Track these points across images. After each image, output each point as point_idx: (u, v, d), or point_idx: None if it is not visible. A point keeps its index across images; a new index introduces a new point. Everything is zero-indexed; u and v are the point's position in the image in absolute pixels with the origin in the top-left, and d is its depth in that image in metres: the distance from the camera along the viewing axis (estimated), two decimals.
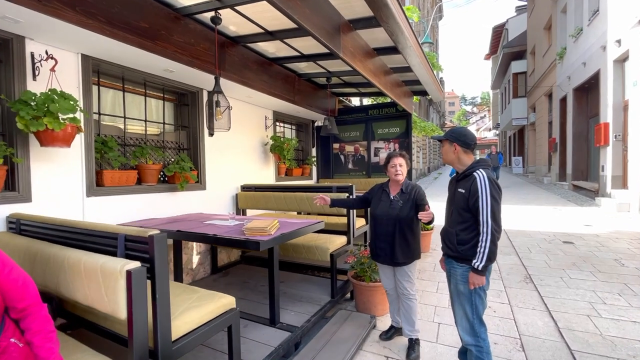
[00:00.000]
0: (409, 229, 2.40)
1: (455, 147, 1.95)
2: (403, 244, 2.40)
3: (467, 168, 1.92)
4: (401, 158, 2.49)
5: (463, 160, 1.95)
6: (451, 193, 2.05)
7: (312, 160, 6.13)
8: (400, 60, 4.02)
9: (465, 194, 1.87)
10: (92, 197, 2.74)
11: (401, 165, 2.47)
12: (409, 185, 2.48)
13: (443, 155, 2.07)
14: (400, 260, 2.40)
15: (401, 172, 2.46)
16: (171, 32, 2.81)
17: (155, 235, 1.38)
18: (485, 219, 1.76)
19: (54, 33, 2.30)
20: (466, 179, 1.90)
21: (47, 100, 2.12)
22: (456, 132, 1.98)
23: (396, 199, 2.46)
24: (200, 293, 1.88)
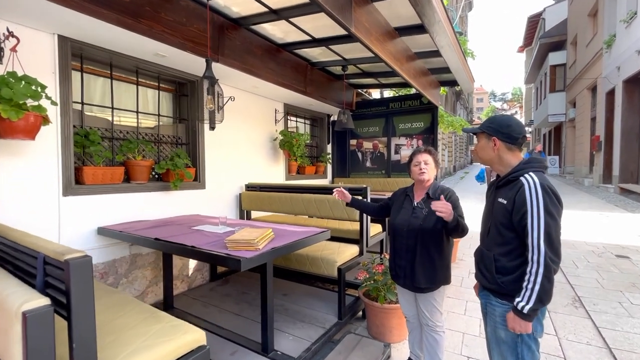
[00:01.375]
0: (434, 245, 1.90)
1: (495, 143, 1.43)
2: (427, 264, 1.91)
3: (511, 171, 1.40)
4: (427, 154, 2.00)
5: (506, 159, 1.44)
6: (489, 203, 1.53)
7: (326, 157, 5.68)
8: (426, 43, 3.47)
9: (507, 205, 1.36)
10: (70, 197, 2.44)
11: (427, 162, 1.97)
12: (438, 188, 1.98)
13: (478, 152, 1.55)
14: (423, 284, 1.91)
15: (426, 171, 1.96)
16: (158, 8, 2.44)
17: (74, 260, 1.00)
18: (535, 242, 1.24)
19: (18, 8, 1.98)
20: (510, 186, 1.39)
21: (2, 84, 1.80)
22: (497, 122, 1.45)
23: (420, 205, 1.97)
24: (162, 324, 1.50)
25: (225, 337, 2.34)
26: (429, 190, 1.97)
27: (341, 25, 2.19)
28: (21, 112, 1.85)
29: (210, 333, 2.40)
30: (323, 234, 2.29)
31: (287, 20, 3.03)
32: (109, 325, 1.48)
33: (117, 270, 2.74)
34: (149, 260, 2.97)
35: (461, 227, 1.82)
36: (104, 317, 1.57)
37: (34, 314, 0.90)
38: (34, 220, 2.25)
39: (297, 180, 5.07)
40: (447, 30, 2.81)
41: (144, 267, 2.93)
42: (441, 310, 2.01)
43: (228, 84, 3.68)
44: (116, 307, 1.68)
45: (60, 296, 1.03)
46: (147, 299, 2.96)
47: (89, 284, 1.02)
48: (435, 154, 2.03)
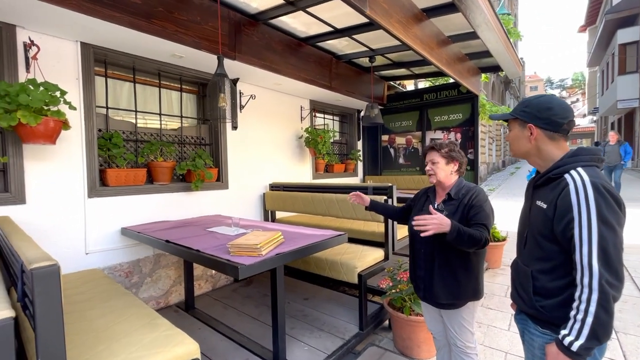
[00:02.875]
0: (456, 254, 1.62)
1: (532, 131, 1.13)
2: (447, 276, 1.64)
3: (553, 166, 1.10)
4: (433, 152, 1.71)
5: (547, 151, 1.13)
6: (526, 207, 1.23)
7: (356, 154, 5.44)
8: (462, 23, 3.10)
9: (547, 210, 1.06)
10: (95, 198, 2.52)
11: (434, 162, 1.69)
12: (462, 187, 1.68)
13: (511, 144, 1.24)
14: (443, 300, 1.65)
15: (435, 172, 1.69)
16: (171, 8, 2.42)
17: (38, 270, 0.93)
18: (586, 261, 0.94)
19: (42, 18, 2.06)
20: (551, 185, 1.09)
21: (21, 91, 1.87)
22: (533, 105, 1.14)
23: (440, 208, 1.70)
24: (158, 333, 1.42)
25: (239, 343, 2.26)
26: (450, 190, 1.69)
27: (354, 7, 1.98)
28: (39, 118, 1.92)
29: (224, 337, 2.35)
30: (338, 238, 2.11)
31: (305, 11, 2.87)
32: (107, 331, 1.45)
33: (141, 270, 2.80)
34: (172, 260, 3.01)
35: (468, 239, 1.46)
36: (104, 321, 1.54)
37: None
38: (61, 222, 2.35)
39: (324, 179, 4.91)
40: (483, 5, 2.45)
41: (167, 266, 2.98)
42: (472, 329, 1.72)
43: (249, 82, 3.62)
44: (120, 310, 1.66)
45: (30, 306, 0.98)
46: (171, 298, 3.01)
47: (55, 296, 0.95)
48: (443, 149, 1.69)
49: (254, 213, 3.81)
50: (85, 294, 1.91)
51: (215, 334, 2.39)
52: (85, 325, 1.50)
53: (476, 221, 1.56)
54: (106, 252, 2.59)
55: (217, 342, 2.28)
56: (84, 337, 1.39)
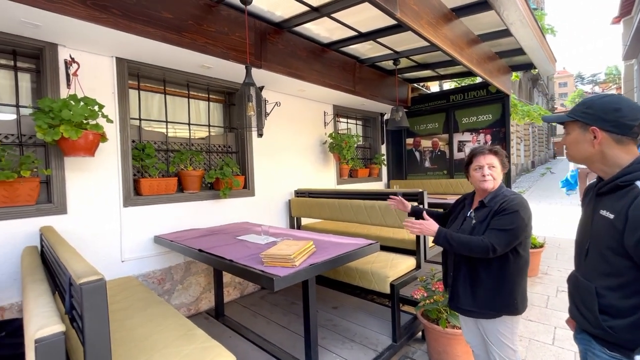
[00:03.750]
0: (482, 263, 1.55)
1: (596, 134, 1.03)
2: (470, 284, 1.59)
3: (621, 172, 1.00)
4: (492, 156, 1.63)
5: (612, 157, 1.02)
6: (587, 216, 1.12)
7: (381, 158, 5.36)
8: (492, 21, 2.99)
9: (616, 222, 0.96)
10: (130, 207, 2.60)
11: (492, 166, 1.62)
12: (498, 195, 1.60)
13: (569, 149, 1.14)
14: (466, 306, 1.61)
15: (492, 177, 1.60)
16: (200, 21, 2.48)
17: (86, 285, 0.94)
18: None
19: (80, 37, 2.16)
20: (619, 194, 0.99)
21: (63, 106, 1.96)
22: (597, 106, 1.04)
23: (472, 215, 1.64)
24: (195, 345, 1.42)
25: (270, 353, 2.24)
26: (485, 197, 1.61)
27: (384, 11, 1.94)
28: (80, 131, 2.00)
29: (255, 347, 2.33)
30: (371, 247, 2.05)
31: (330, 17, 2.86)
32: (146, 342, 1.47)
33: (173, 277, 2.85)
34: (202, 267, 3.05)
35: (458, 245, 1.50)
36: (143, 331, 1.56)
37: (44, 343, 0.86)
38: (99, 231, 2.44)
39: (349, 185, 4.86)
40: (518, 2, 2.34)
41: (197, 274, 3.02)
42: (512, 346, 1.61)
43: (274, 89, 3.65)
44: (158, 319, 1.68)
45: (79, 320, 1.00)
46: (201, 304, 3.04)
47: (103, 310, 0.96)
48: (502, 155, 1.64)
49: (279, 220, 3.81)
50: (123, 302, 1.96)
51: (246, 343, 2.39)
52: (126, 334, 1.53)
53: (491, 227, 1.52)
54: (140, 260, 2.66)
55: (248, 351, 2.27)
56: (125, 347, 1.41)
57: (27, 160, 2.01)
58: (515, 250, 1.53)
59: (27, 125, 2.22)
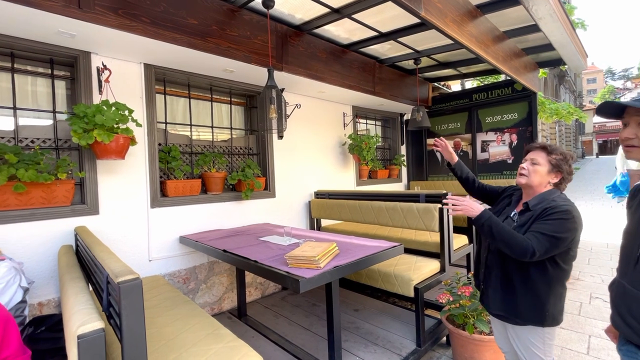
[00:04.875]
0: (518, 270, 1.47)
1: None
2: (506, 288, 1.51)
3: None
4: (540, 151, 1.51)
5: None
6: (635, 218, 1.05)
7: (400, 159, 5.28)
8: (519, 17, 2.89)
9: None
10: (157, 208, 2.68)
11: (535, 162, 1.50)
12: (545, 199, 1.46)
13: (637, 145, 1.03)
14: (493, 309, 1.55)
15: (528, 173, 1.50)
16: (223, 26, 2.53)
17: (124, 283, 0.98)
18: None
19: (112, 44, 2.25)
20: None
21: (96, 112, 2.05)
22: None
23: (515, 218, 1.55)
24: (222, 344, 1.45)
25: (293, 354, 2.25)
26: (530, 200, 1.52)
27: (408, 10, 1.91)
28: (112, 135, 2.08)
29: (278, 347, 2.35)
30: (395, 250, 2.02)
31: (350, 18, 2.85)
32: (175, 340, 1.50)
33: (197, 277, 2.92)
34: (224, 267, 3.10)
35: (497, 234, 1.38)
36: (173, 329, 1.60)
37: (86, 339, 0.90)
38: (129, 231, 2.53)
39: (368, 186, 4.82)
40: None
41: (220, 274, 3.07)
42: (545, 357, 1.52)
43: (294, 91, 3.67)
44: (185, 319, 1.72)
45: (116, 317, 1.03)
46: (224, 304, 3.09)
47: (139, 307, 0.99)
48: (554, 153, 1.49)
49: (299, 221, 3.83)
50: (151, 300, 2.02)
51: (269, 343, 2.40)
52: (156, 332, 1.57)
53: (532, 229, 1.39)
54: (166, 260, 2.74)
55: (271, 352, 2.29)
56: (156, 345, 1.45)
57: (63, 163, 2.11)
58: (554, 260, 1.41)
59: (63, 130, 2.33)
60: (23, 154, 1.97)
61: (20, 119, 2.21)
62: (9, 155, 1.89)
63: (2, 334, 1.09)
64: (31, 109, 2.26)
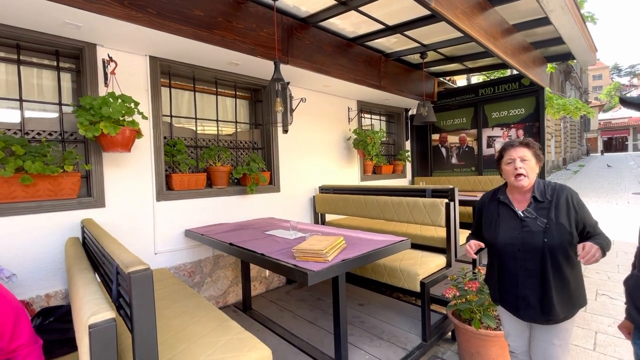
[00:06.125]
0: (568, 264, 1.45)
1: None
2: (563, 290, 1.46)
3: None
4: (524, 148, 1.53)
5: None
6: None
7: (405, 155, 5.25)
8: (529, 9, 2.84)
9: None
10: (162, 202, 2.68)
11: (524, 159, 1.51)
12: (549, 187, 1.52)
13: None
14: (561, 315, 1.46)
15: (525, 172, 1.49)
16: (229, 18, 2.50)
17: (135, 273, 0.97)
18: None
19: (117, 36, 2.24)
20: None
21: (103, 104, 2.04)
22: None
23: (529, 214, 1.50)
24: (231, 336, 1.45)
25: (299, 347, 2.25)
26: (535, 192, 1.51)
27: (419, 1, 1.87)
28: (118, 128, 2.07)
29: (284, 341, 2.35)
30: (402, 244, 2.01)
31: (357, 10, 2.81)
32: (184, 331, 1.51)
33: (202, 270, 2.92)
34: (229, 261, 3.11)
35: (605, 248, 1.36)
36: (181, 321, 1.60)
37: (97, 329, 0.90)
38: (135, 224, 2.53)
39: (373, 181, 4.80)
40: None
41: (225, 267, 3.08)
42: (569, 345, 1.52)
43: (299, 85, 3.65)
44: (193, 311, 1.72)
45: (126, 307, 1.03)
46: (229, 297, 3.10)
47: (149, 298, 0.99)
48: (535, 147, 1.54)
49: (304, 216, 3.82)
50: (158, 293, 2.02)
51: (274, 337, 2.41)
52: (163, 324, 1.58)
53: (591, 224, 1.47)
54: (172, 253, 2.74)
55: (277, 345, 2.29)
56: (164, 337, 1.45)
57: (70, 155, 2.11)
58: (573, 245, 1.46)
59: (68, 122, 2.33)
60: (30, 146, 1.97)
61: (26, 112, 2.20)
62: (16, 147, 1.88)
63: (13, 324, 1.09)
64: (37, 101, 2.25)
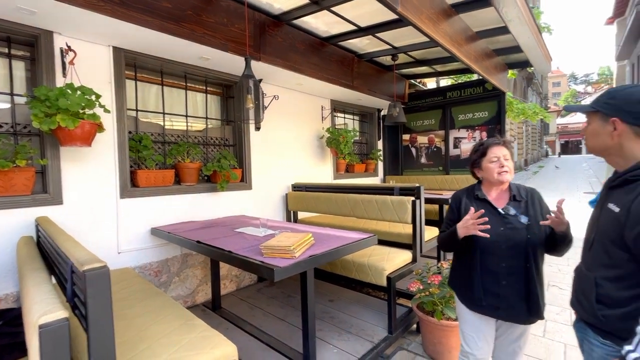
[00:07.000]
0: (541, 260, 1.54)
1: (616, 126, 1.02)
2: (541, 287, 1.52)
3: (633, 166, 1.00)
4: (505, 147, 1.61)
5: (630, 150, 1.02)
6: (597, 209, 1.14)
7: (377, 154, 5.38)
8: (491, 18, 3.00)
9: (620, 215, 0.98)
10: (127, 199, 2.58)
11: (507, 158, 1.59)
12: (520, 187, 1.61)
13: (588, 140, 1.13)
14: (542, 312, 1.52)
15: (509, 170, 1.57)
16: (199, 11, 2.45)
17: (91, 271, 0.95)
18: None
19: (77, 24, 2.12)
20: (627, 188, 1.00)
21: (60, 95, 1.93)
22: (621, 97, 1.03)
23: (510, 212, 1.54)
24: (195, 334, 1.43)
25: (267, 344, 2.26)
26: (512, 190, 1.60)
27: (385, 5, 1.94)
28: (77, 121, 1.97)
29: (253, 338, 2.35)
30: (369, 240, 2.07)
31: (329, 10, 2.85)
32: (147, 330, 1.47)
33: (169, 269, 2.85)
34: (198, 259, 3.05)
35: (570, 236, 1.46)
36: (144, 320, 1.57)
37: (48, 329, 0.86)
38: (96, 222, 2.42)
39: (345, 180, 4.87)
40: (517, 0, 2.36)
41: (194, 266, 3.02)
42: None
43: (272, 82, 3.63)
44: (156, 310, 1.68)
45: (82, 307, 1.00)
46: (198, 297, 3.05)
47: (106, 297, 0.96)
48: (510, 145, 1.64)
49: (276, 213, 3.82)
50: (121, 292, 1.96)
51: (243, 334, 2.40)
52: (125, 324, 1.53)
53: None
54: (137, 252, 2.65)
55: (245, 342, 2.29)
56: (125, 337, 1.41)
57: (23, 149, 1.98)
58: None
59: (21, 114, 2.18)
60: None
61: None
62: None
63: None
64: None
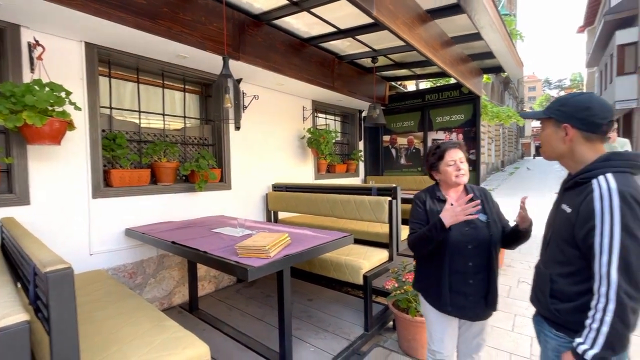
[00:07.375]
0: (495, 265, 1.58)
1: (567, 131, 1.08)
2: (496, 281, 1.59)
3: (582, 169, 1.07)
4: (461, 151, 1.66)
5: (580, 154, 1.08)
6: (552, 210, 1.21)
7: (358, 155, 5.45)
8: (465, 24, 3.11)
9: (571, 215, 1.05)
10: (99, 199, 2.51)
11: (462, 161, 1.64)
12: (474, 187, 1.69)
13: (543, 145, 1.19)
14: (496, 306, 1.60)
15: (465, 172, 1.63)
16: (175, 9, 2.42)
17: (53, 273, 0.93)
18: (605, 270, 0.93)
19: (46, 18, 2.05)
20: (577, 190, 1.06)
21: (26, 91, 1.86)
22: (570, 104, 1.09)
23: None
24: (167, 335, 1.42)
25: (244, 344, 2.26)
26: (468, 189, 1.67)
27: (361, 9, 1.98)
28: (45, 118, 1.91)
29: (229, 338, 2.34)
30: (345, 239, 2.11)
31: (309, 12, 2.87)
32: (117, 333, 1.45)
33: (145, 271, 2.79)
34: (175, 260, 3.00)
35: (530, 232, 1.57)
36: (113, 323, 1.54)
37: (7, 332, 0.84)
38: (66, 223, 2.34)
39: (326, 180, 4.91)
40: (488, 7, 2.46)
41: (170, 267, 2.97)
42: None
43: (252, 82, 3.62)
44: (128, 312, 1.65)
45: (44, 309, 0.98)
46: (175, 298, 3.00)
47: (70, 299, 0.95)
48: (464, 149, 1.69)
49: (256, 214, 3.81)
50: (92, 295, 1.91)
51: (220, 335, 2.39)
52: (95, 327, 1.50)
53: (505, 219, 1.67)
54: (110, 253, 2.58)
55: (222, 343, 2.28)
56: (94, 339, 1.38)
57: None
58: None
59: None
60: None
61: None
62: None
63: None
64: None
